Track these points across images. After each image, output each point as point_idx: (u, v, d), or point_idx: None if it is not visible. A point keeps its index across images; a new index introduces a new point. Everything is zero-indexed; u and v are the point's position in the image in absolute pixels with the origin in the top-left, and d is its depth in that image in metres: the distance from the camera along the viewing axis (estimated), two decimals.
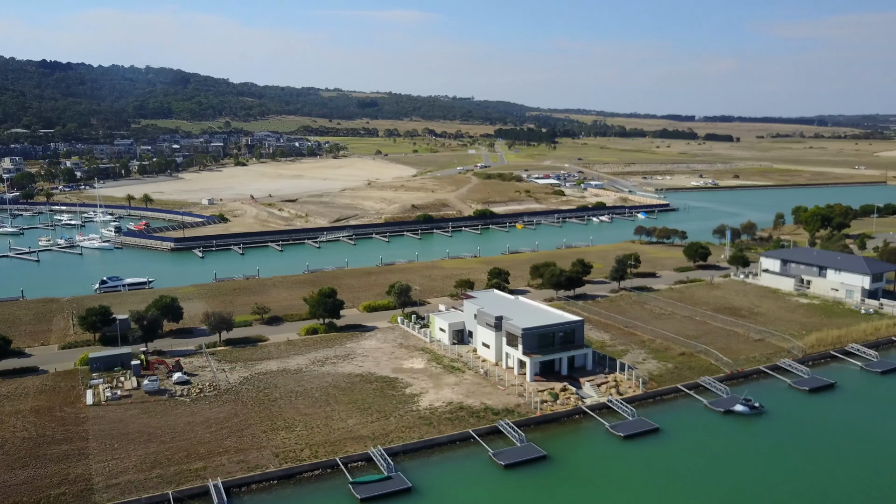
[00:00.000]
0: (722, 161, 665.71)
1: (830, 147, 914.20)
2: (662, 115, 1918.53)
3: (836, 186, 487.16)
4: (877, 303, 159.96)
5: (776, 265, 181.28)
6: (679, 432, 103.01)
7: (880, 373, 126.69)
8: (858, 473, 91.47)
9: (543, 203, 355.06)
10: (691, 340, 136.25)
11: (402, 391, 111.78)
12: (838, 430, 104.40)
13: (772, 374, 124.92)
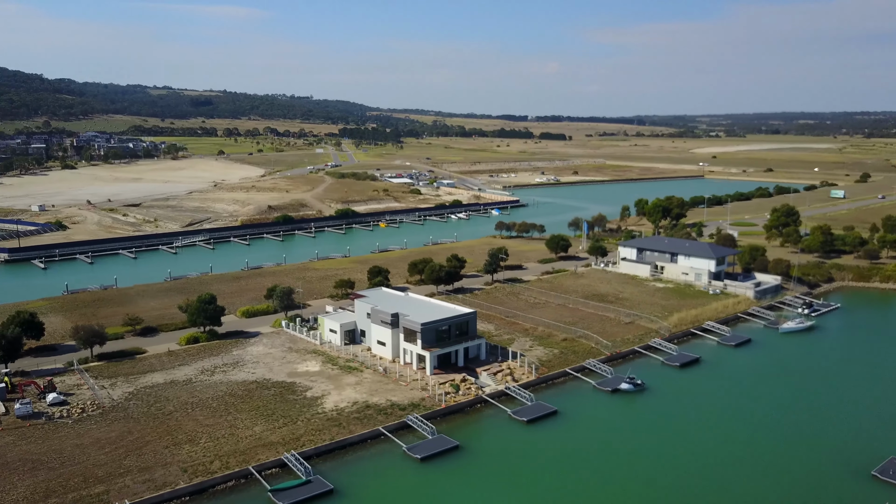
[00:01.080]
0: (559, 158, 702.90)
1: (651, 144, 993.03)
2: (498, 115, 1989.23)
3: (662, 180, 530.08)
4: (721, 284, 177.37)
5: (633, 253, 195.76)
6: (575, 413, 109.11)
7: (734, 346, 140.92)
8: (730, 435, 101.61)
9: (402, 202, 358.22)
10: (570, 326, 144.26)
11: (302, 395, 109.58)
12: (708, 399, 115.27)
13: (646, 353, 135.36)
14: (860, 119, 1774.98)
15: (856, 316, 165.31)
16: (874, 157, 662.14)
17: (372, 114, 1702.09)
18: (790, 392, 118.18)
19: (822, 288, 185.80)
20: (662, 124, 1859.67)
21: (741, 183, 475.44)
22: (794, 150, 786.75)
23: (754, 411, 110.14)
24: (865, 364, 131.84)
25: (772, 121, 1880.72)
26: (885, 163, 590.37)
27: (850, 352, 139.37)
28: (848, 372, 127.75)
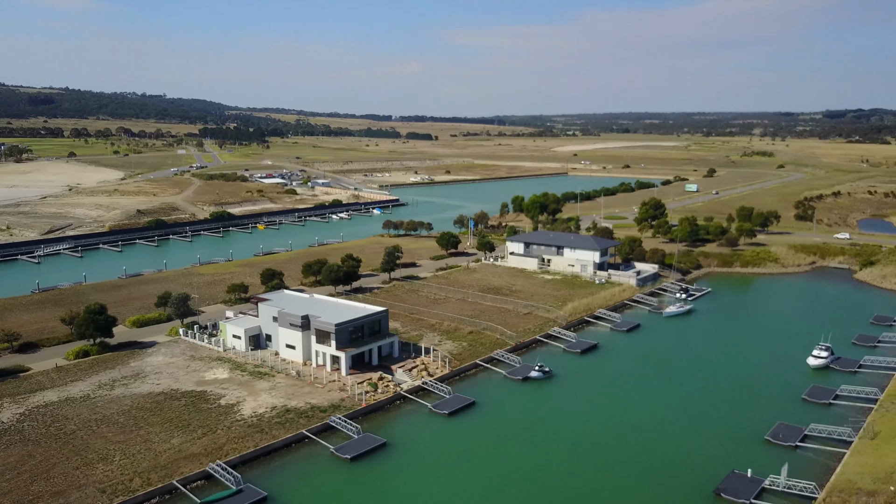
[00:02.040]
0: (429, 158, 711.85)
1: (514, 144, 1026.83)
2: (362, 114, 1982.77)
3: (530, 178, 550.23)
4: (606, 274, 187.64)
5: (520, 248, 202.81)
6: (492, 403, 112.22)
7: (626, 331, 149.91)
8: (636, 412, 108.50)
9: (279, 203, 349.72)
10: (474, 319, 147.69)
11: (216, 403, 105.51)
12: (611, 382, 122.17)
13: (548, 342, 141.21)
14: (698, 119, 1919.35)
15: (724, 298, 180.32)
16: (716, 154, 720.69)
17: (231, 113, 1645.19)
18: (681, 369, 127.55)
19: (692, 274, 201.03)
20: (521, 124, 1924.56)
21: (603, 179, 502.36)
22: (645, 148, 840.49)
23: (653, 389, 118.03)
24: (739, 340, 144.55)
25: (621, 120, 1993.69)
26: (726, 159, 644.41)
27: (725, 330, 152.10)
28: (726, 348, 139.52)
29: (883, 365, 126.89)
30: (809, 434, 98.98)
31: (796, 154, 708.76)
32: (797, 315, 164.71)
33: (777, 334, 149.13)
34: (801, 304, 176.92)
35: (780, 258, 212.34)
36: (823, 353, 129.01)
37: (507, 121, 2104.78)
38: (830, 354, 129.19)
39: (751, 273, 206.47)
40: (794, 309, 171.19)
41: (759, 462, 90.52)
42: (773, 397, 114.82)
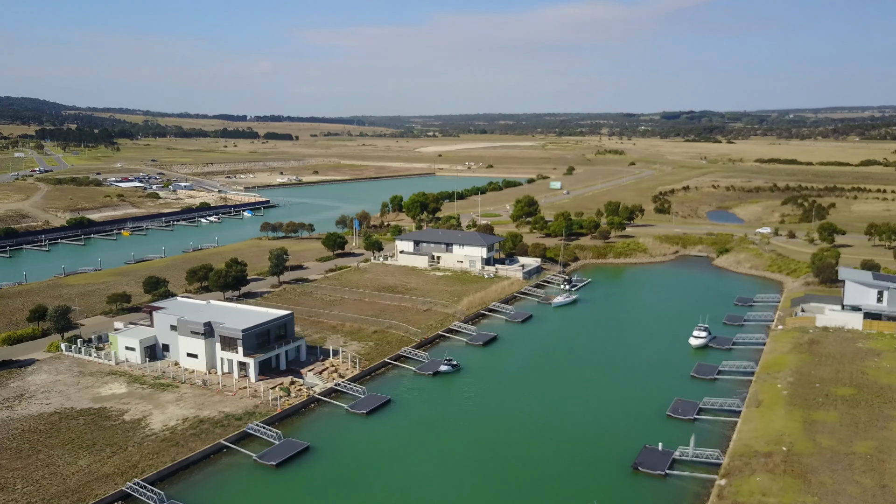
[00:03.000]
0: (293, 159, 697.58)
1: (378, 144, 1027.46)
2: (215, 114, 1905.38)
3: (399, 178, 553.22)
4: (493, 269, 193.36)
5: (410, 246, 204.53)
6: (407, 399, 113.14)
7: (520, 322, 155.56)
8: (542, 400, 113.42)
9: (142, 207, 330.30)
10: (375, 318, 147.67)
11: (119, 419, 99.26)
12: (516, 370, 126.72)
13: (450, 336, 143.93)
14: (549, 120, 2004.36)
15: (604, 287, 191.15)
16: (572, 153, 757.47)
17: (69, 113, 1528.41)
18: (578, 355, 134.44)
19: (571, 266, 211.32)
20: (380, 124, 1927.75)
21: (470, 179, 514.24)
22: (505, 148, 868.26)
23: (557, 375, 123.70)
24: (625, 325, 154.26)
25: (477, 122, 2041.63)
26: (582, 157, 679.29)
27: (610, 317, 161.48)
28: (614, 333, 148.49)
29: (752, 341, 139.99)
30: (704, 407, 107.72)
31: (643, 152, 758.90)
32: (671, 299, 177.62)
33: (656, 318, 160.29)
34: (672, 289, 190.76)
35: (647, 249, 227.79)
36: (703, 333, 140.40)
37: (366, 121, 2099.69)
38: (708, 334, 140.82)
39: (623, 263, 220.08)
40: (666, 294, 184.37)
41: (665, 436, 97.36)
42: (666, 376, 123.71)
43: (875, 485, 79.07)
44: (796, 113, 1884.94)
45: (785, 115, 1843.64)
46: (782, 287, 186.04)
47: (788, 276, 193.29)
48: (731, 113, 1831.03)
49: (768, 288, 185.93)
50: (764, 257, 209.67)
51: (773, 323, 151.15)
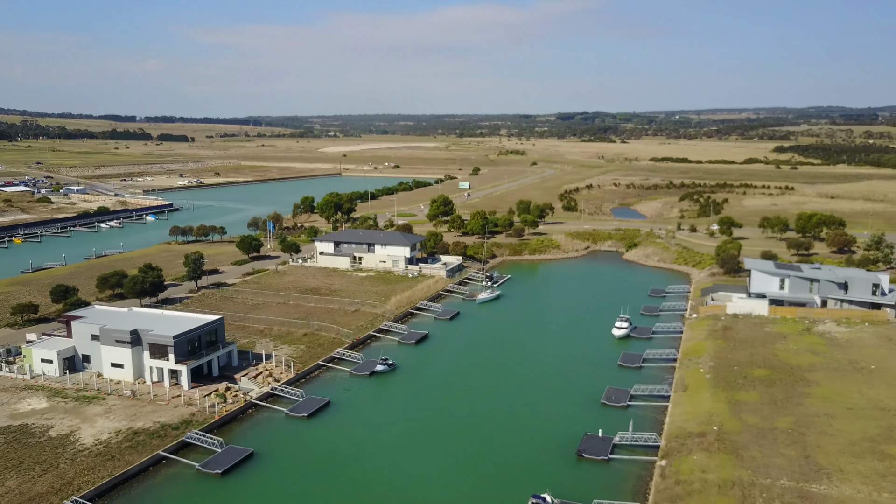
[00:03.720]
0: (191, 160, 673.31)
1: (278, 144, 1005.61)
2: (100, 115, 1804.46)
3: (304, 179, 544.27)
4: (417, 268, 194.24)
5: (330, 247, 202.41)
6: (346, 400, 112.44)
7: (449, 319, 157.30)
8: (480, 393, 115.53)
9: (33, 213, 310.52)
10: (303, 321, 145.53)
11: (45, 435, 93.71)
12: (450, 367, 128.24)
13: (382, 336, 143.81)
14: (449, 121, 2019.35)
15: (523, 283, 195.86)
16: (475, 153, 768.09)
17: None
18: (509, 348, 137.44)
19: (490, 263, 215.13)
20: (278, 125, 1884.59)
21: (378, 179, 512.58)
22: (410, 149, 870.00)
23: (491, 369, 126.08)
24: (549, 318, 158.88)
25: (377, 122, 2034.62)
26: (486, 157, 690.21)
27: (534, 311, 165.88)
28: (540, 326, 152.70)
29: (670, 330, 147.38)
30: (635, 394, 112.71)
31: (543, 152, 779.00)
32: (588, 293, 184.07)
33: (577, 311, 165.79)
34: (588, 283, 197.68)
35: (561, 245, 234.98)
36: (624, 324, 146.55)
37: (262, 121, 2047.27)
38: (630, 325, 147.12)
39: (538, 259, 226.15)
40: (584, 288, 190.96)
41: (602, 423, 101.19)
42: (595, 366, 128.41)
43: (799, 456, 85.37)
44: (681, 114, 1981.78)
45: (671, 116, 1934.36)
46: (690, 278, 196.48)
47: (694, 268, 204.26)
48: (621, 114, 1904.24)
49: (677, 279, 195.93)
50: (670, 251, 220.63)
51: (686, 312, 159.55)
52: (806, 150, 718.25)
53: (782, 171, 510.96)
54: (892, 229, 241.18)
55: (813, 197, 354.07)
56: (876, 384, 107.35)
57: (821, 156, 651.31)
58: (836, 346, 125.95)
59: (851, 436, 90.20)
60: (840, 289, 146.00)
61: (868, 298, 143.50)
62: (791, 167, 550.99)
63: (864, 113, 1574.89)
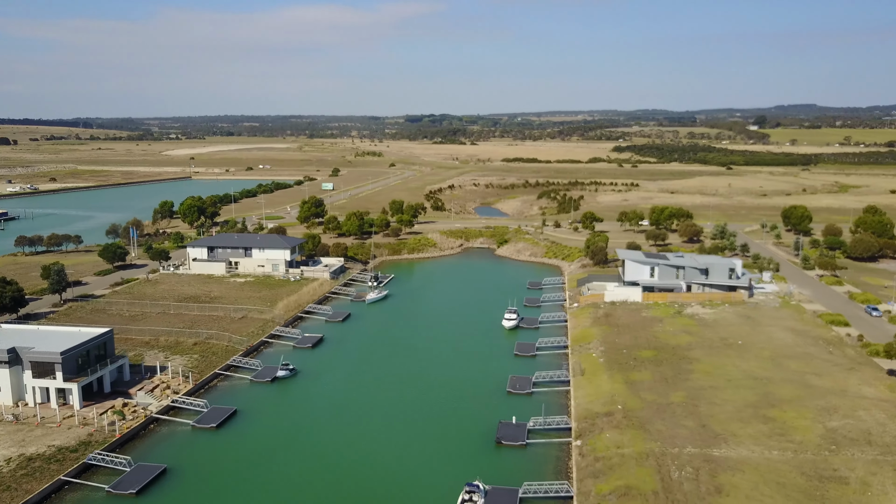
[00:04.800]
0: (20, 165, 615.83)
1: (117, 148, 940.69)
2: None
3: (152, 183, 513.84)
4: (298, 271, 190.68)
5: (203, 253, 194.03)
6: (253, 408, 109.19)
7: (341, 321, 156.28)
8: (389, 392, 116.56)
9: None
10: (190, 330, 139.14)
11: None
12: (353, 368, 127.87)
13: (276, 341, 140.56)
14: (296, 122, 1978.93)
15: (407, 281, 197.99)
16: (332, 155, 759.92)
17: None
18: (406, 346, 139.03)
19: (370, 264, 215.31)
20: (111, 127, 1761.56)
21: (232, 182, 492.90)
22: (261, 150, 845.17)
23: (393, 367, 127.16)
24: (439, 314, 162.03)
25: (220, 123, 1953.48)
26: (343, 159, 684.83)
27: (423, 308, 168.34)
28: (432, 322, 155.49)
29: (555, 319, 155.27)
30: (537, 380, 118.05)
31: (398, 153, 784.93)
32: (470, 288, 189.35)
33: (464, 305, 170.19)
34: (469, 278, 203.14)
35: (437, 243, 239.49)
36: (513, 315, 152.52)
37: (93, 123, 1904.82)
38: (518, 316, 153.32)
39: (417, 258, 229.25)
40: (465, 283, 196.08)
41: (512, 410, 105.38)
42: (492, 357, 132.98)
43: (697, 425, 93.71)
44: (523, 116, 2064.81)
45: (514, 118, 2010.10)
46: (561, 270, 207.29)
47: (564, 261, 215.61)
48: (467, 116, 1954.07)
49: (550, 272, 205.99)
50: (540, 245, 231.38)
51: (565, 302, 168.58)
52: (641, 150, 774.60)
53: (625, 170, 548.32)
54: (729, 220, 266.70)
55: (656, 192, 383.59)
56: (746, 357, 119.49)
57: (655, 155, 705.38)
58: (706, 326, 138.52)
59: (736, 404, 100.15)
60: (702, 274, 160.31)
61: (726, 282, 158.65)
62: (632, 165, 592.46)
63: (685, 116, 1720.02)
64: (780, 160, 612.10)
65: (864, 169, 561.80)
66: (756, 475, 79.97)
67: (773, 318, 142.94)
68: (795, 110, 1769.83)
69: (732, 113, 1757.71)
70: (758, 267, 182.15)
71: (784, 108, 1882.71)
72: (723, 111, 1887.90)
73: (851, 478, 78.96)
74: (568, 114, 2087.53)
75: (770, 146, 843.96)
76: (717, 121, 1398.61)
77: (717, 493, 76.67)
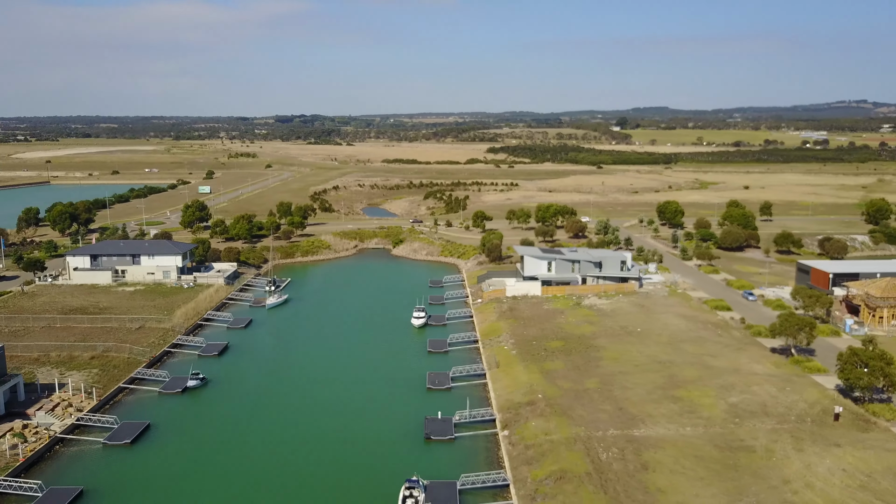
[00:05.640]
0: None
1: None
2: None
3: (5, 189, 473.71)
4: (191, 277, 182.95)
5: (86, 261, 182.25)
6: (167, 421, 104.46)
7: (244, 327, 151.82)
8: (303, 395, 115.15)
9: None
10: (86, 344, 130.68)
11: None
12: (266, 373, 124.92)
13: (179, 350, 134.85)
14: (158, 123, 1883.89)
15: (305, 284, 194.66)
16: (203, 157, 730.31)
17: None
18: (316, 349, 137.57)
19: (264, 268, 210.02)
20: None
21: (98, 187, 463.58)
22: (126, 153, 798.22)
23: (308, 371, 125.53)
24: (346, 315, 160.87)
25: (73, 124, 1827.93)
26: (216, 161, 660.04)
27: (328, 310, 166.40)
28: (340, 323, 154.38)
29: (461, 315, 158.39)
30: (455, 375, 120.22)
31: (274, 155, 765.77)
32: (371, 288, 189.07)
33: (369, 306, 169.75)
34: (368, 279, 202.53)
35: (331, 245, 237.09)
36: (421, 313, 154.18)
37: None
38: (426, 314, 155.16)
39: (312, 261, 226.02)
40: (365, 284, 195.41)
41: (435, 405, 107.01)
42: (406, 355, 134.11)
43: (614, 409, 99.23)
44: (395, 118, 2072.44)
45: (386, 119, 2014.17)
46: (458, 268, 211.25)
47: (460, 259, 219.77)
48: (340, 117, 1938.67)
49: (449, 270, 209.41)
50: (436, 244, 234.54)
51: (468, 299, 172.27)
52: (515, 151, 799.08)
53: (502, 170, 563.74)
54: (607, 216, 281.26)
55: (536, 192, 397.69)
56: (647, 343, 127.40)
57: (528, 155, 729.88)
58: (605, 316, 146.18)
59: (646, 387, 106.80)
60: (596, 267, 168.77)
61: (618, 273, 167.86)
62: (508, 166, 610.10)
63: (550, 118, 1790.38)
64: (644, 159, 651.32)
65: (717, 167, 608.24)
66: (675, 451, 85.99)
67: (664, 306, 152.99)
68: (650, 112, 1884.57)
69: (594, 115, 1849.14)
70: (643, 259, 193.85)
71: (640, 110, 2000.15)
72: (585, 113, 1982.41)
73: (757, 446, 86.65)
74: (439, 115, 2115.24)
75: (633, 146, 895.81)
76: (582, 122, 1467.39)
77: (644, 469, 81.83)
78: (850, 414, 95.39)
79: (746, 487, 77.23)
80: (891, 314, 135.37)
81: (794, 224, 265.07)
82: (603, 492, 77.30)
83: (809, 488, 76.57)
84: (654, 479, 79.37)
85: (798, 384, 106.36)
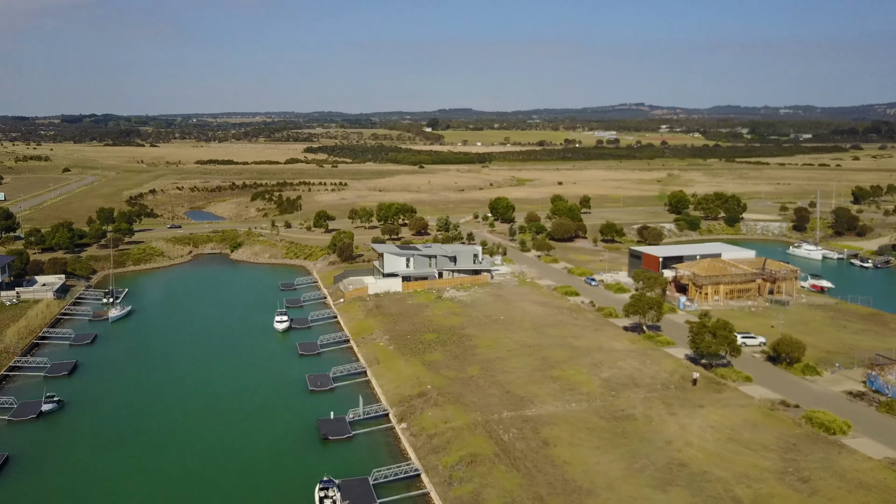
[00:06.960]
0: None
1: None
2: None
3: None
4: (12, 293, 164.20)
5: None
6: (25, 452, 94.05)
7: (89, 343, 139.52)
8: (187, 404, 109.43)
9: None
10: None
11: None
12: (131, 391, 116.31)
13: (16, 374, 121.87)
14: None
15: (143, 295, 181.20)
16: None
17: None
18: (180, 360, 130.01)
19: (93, 279, 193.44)
20: None
21: None
22: None
23: (179, 384, 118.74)
24: (201, 323, 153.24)
25: None
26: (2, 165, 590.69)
27: (179, 319, 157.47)
28: (197, 331, 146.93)
29: (325, 317, 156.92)
30: (336, 375, 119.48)
31: (70, 157, 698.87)
32: (220, 294, 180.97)
33: (223, 312, 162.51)
34: (213, 285, 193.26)
35: (164, 251, 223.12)
36: (283, 317, 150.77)
37: None
38: (288, 317, 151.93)
39: (145, 269, 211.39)
40: (212, 290, 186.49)
41: (323, 406, 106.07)
42: (279, 360, 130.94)
43: (502, 392, 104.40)
44: (199, 118, 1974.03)
45: (188, 119, 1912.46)
46: (308, 270, 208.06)
47: (307, 260, 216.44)
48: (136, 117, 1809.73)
49: (298, 272, 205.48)
50: (278, 247, 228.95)
51: (326, 299, 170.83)
52: (334, 151, 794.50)
53: (327, 170, 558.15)
54: (441, 213, 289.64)
55: (367, 191, 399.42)
56: (514, 330, 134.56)
57: (349, 155, 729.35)
58: (467, 307, 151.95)
59: (524, 370, 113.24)
60: (451, 261, 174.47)
61: (471, 266, 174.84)
62: (332, 165, 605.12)
63: (361, 118, 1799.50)
64: (461, 158, 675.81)
65: (528, 164, 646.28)
66: (568, 425, 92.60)
67: (518, 295, 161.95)
68: (456, 114, 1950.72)
69: (403, 116, 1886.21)
70: (489, 252, 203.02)
71: (447, 111, 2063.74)
72: (395, 114, 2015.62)
73: (636, 414, 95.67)
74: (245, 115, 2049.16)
75: (449, 146, 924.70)
76: (394, 123, 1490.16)
77: (546, 445, 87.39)
78: (703, 379, 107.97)
79: (638, 451, 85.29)
80: (714, 290, 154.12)
81: (610, 215, 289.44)
82: (515, 469, 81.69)
83: (689, 446, 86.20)
84: (557, 453, 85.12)
85: (654, 356, 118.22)
